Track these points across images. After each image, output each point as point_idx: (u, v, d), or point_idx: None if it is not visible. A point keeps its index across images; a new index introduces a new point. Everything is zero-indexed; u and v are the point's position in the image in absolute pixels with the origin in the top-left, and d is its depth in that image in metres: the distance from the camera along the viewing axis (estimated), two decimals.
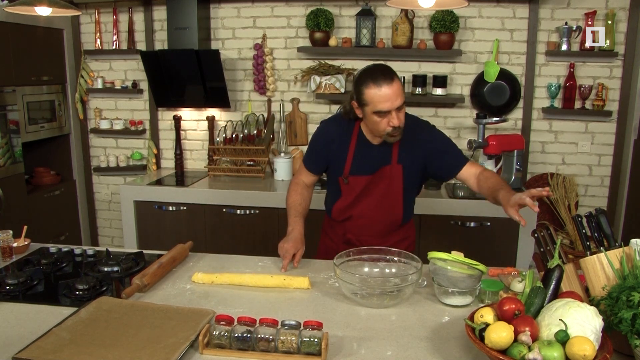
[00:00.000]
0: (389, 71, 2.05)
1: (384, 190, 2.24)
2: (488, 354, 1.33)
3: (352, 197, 2.28)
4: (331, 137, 2.28)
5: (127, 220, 3.83)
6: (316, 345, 1.44)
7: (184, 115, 4.33)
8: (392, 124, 2.05)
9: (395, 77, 2.03)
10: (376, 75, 2.02)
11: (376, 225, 2.30)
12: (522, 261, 3.37)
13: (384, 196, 2.25)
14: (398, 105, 2.03)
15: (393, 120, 2.04)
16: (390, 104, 2.01)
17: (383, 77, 2.01)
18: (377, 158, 2.22)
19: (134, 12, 4.24)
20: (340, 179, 2.27)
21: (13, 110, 3.74)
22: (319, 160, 2.34)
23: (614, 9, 3.67)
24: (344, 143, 2.25)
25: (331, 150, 2.27)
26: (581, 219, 1.72)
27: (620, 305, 1.37)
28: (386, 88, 2.00)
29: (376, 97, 2.01)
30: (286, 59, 4.14)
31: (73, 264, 2.19)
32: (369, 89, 2.02)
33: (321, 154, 2.31)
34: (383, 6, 3.88)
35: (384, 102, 2.01)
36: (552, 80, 3.86)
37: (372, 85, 2.01)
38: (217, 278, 1.97)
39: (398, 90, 2.02)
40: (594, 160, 3.96)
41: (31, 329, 1.60)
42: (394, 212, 2.29)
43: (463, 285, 1.80)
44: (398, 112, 2.04)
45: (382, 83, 2.00)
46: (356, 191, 2.26)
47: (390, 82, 2.00)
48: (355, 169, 2.24)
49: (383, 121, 2.05)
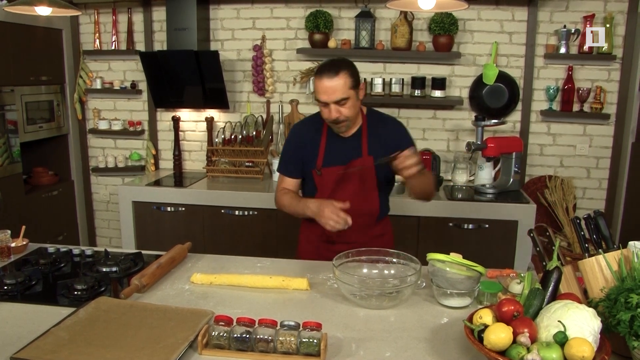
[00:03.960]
0: (338, 66, 2.12)
1: (359, 183, 2.30)
2: (487, 355, 1.33)
3: (329, 190, 2.31)
4: (301, 138, 2.37)
5: (125, 221, 3.83)
6: (315, 346, 1.44)
7: (183, 116, 4.33)
8: (329, 115, 2.16)
9: (341, 72, 2.10)
10: (323, 67, 2.14)
11: (354, 219, 2.29)
12: (520, 263, 3.37)
13: (359, 188, 2.31)
14: (335, 100, 2.12)
15: (331, 113, 2.15)
16: (327, 97, 2.12)
17: (328, 70, 2.11)
18: (348, 150, 2.30)
19: (133, 13, 4.24)
20: (314, 171, 2.33)
21: (11, 110, 3.74)
22: (294, 163, 2.39)
23: (612, 12, 3.68)
24: (315, 139, 2.34)
25: (303, 148, 2.35)
26: (579, 221, 1.72)
27: (619, 307, 1.37)
28: (326, 80, 2.10)
29: (317, 87, 2.14)
30: (285, 60, 4.14)
31: (71, 264, 2.19)
32: (316, 78, 2.15)
33: (295, 156, 2.38)
34: (382, 8, 3.89)
35: (322, 93, 2.13)
36: (550, 83, 3.87)
37: (317, 76, 2.14)
38: (216, 279, 1.97)
39: (339, 85, 2.10)
40: (592, 162, 3.97)
41: (29, 329, 1.60)
42: (371, 205, 2.35)
43: (462, 287, 1.80)
44: (339, 106, 2.14)
45: (324, 75, 2.11)
46: (331, 183, 2.31)
47: (333, 76, 2.09)
48: (328, 161, 2.31)
49: (325, 110, 2.18)
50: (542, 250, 1.74)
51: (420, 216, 3.48)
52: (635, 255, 1.48)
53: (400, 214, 3.45)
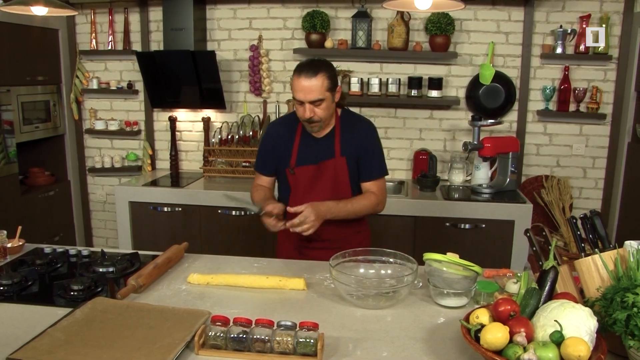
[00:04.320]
0: (317, 66, 2.16)
1: (332, 181, 2.33)
2: (483, 354, 1.33)
3: (301, 190, 2.34)
4: (275, 138, 2.40)
5: (122, 221, 3.82)
6: (312, 346, 1.44)
7: (180, 116, 4.32)
8: (303, 115, 2.19)
9: (319, 74, 2.13)
10: (302, 67, 2.17)
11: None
12: (516, 263, 3.38)
13: (332, 188, 2.33)
14: (311, 99, 2.15)
15: (305, 112, 2.18)
16: (303, 95, 2.15)
17: (306, 69, 2.14)
18: (321, 151, 2.33)
19: (129, 13, 4.23)
20: (287, 170, 2.36)
21: (7, 110, 3.73)
22: (267, 162, 2.44)
23: (608, 12, 3.70)
24: (289, 139, 2.38)
25: (277, 147, 2.38)
26: (576, 221, 1.73)
27: (615, 306, 1.38)
28: (304, 80, 2.13)
29: (295, 85, 2.17)
30: (282, 61, 4.14)
31: (68, 264, 2.19)
32: (294, 76, 2.17)
33: (269, 155, 2.42)
34: (379, 8, 3.89)
35: (298, 92, 2.16)
36: (546, 83, 3.88)
37: (296, 74, 2.16)
38: (213, 279, 1.97)
39: (316, 86, 2.13)
40: (588, 162, 3.98)
41: (26, 330, 1.59)
42: None
43: (458, 287, 1.80)
44: (314, 107, 2.17)
45: (302, 74, 2.14)
46: (304, 182, 2.33)
47: (311, 76, 2.12)
48: (301, 161, 2.34)
49: (300, 109, 2.20)
50: (538, 250, 1.75)
51: (416, 216, 3.48)
52: (631, 254, 1.48)
53: (397, 214, 3.46)
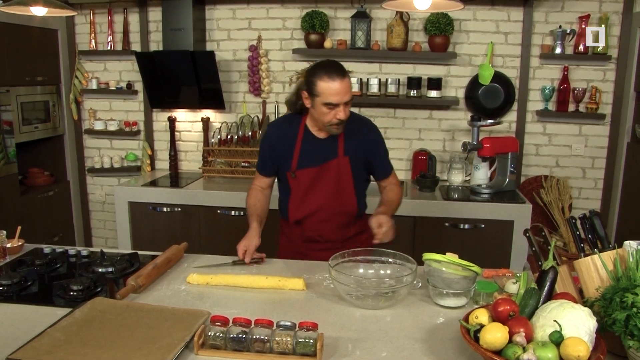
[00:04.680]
0: (342, 68, 2.19)
1: (334, 182, 2.33)
2: (483, 354, 1.33)
3: (302, 191, 2.34)
4: (276, 138, 2.40)
5: (121, 221, 3.82)
6: (311, 346, 1.44)
7: (179, 117, 4.32)
8: (339, 117, 2.18)
9: (346, 74, 2.17)
10: (331, 70, 2.15)
11: (333, 218, 2.37)
12: (516, 263, 3.38)
13: (335, 188, 2.33)
14: (347, 100, 2.17)
15: (339, 114, 2.17)
16: (340, 98, 2.14)
17: (337, 72, 2.15)
18: (324, 151, 2.33)
19: (129, 13, 4.23)
20: (288, 173, 2.35)
21: (7, 110, 3.73)
22: (267, 162, 2.43)
23: (607, 12, 3.70)
24: (291, 140, 2.36)
25: (277, 150, 2.37)
26: (575, 221, 1.73)
27: (614, 306, 1.38)
28: (338, 83, 2.13)
29: (328, 89, 2.13)
30: (281, 61, 4.14)
31: (67, 264, 2.19)
32: (322, 80, 2.14)
33: (268, 156, 2.41)
34: (378, 8, 3.89)
35: (334, 95, 2.14)
36: (546, 83, 3.88)
37: (326, 78, 2.13)
38: (212, 279, 1.97)
39: (348, 86, 2.16)
40: (588, 162, 3.98)
41: (25, 330, 1.59)
42: (348, 204, 2.38)
43: (458, 287, 1.80)
44: (345, 107, 2.18)
45: (335, 77, 2.13)
46: (305, 184, 2.33)
47: (343, 77, 2.14)
48: (302, 163, 2.33)
49: (331, 113, 2.18)
50: (537, 250, 1.75)
51: (416, 216, 3.48)
52: (630, 254, 1.48)
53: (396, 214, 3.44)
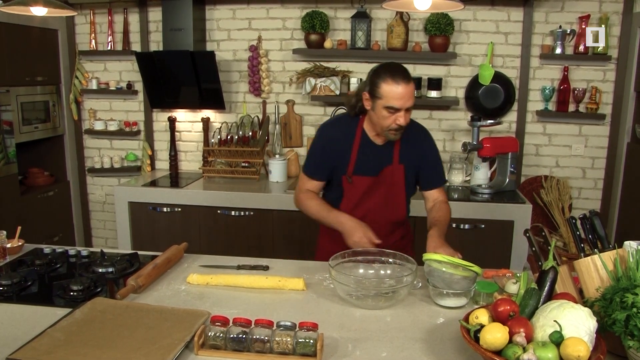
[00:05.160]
0: (407, 72, 2.12)
1: (387, 190, 2.29)
2: (483, 355, 1.33)
3: (357, 198, 2.29)
4: (332, 140, 2.30)
5: (121, 222, 3.82)
6: (311, 346, 1.44)
7: (179, 117, 4.32)
8: (399, 122, 2.12)
9: (411, 80, 2.10)
10: (396, 73, 2.09)
11: (381, 226, 2.30)
12: (516, 263, 3.38)
13: (387, 197, 2.30)
14: (409, 106, 2.11)
15: (400, 119, 2.11)
16: (403, 102, 2.08)
17: (402, 76, 2.08)
18: (380, 158, 2.27)
19: (129, 13, 4.23)
20: (344, 177, 2.28)
21: (7, 110, 3.73)
22: (322, 165, 2.32)
23: (608, 12, 3.70)
24: (347, 143, 2.28)
25: (333, 152, 2.29)
26: (575, 221, 1.73)
27: (614, 306, 1.38)
28: (403, 87, 2.07)
29: (392, 93, 2.07)
30: (281, 61, 4.14)
31: (67, 264, 2.19)
32: (386, 83, 2.07)
33: (324, 158, 2.31)
34: (378, 9, 3.89)
35: (397, 100, 2.07)
36: (546, 83, 3.88)
37: (390, 81, 2.07)
38: (212, 279, 1.97)
39: (412, 91, 2.10)
40: (588, 163, 3.98)
41: (25, 330, 1.59)
42: (398, 212, 2.35)
43: (458, 287, 1.80)
44: (406, 113, 2.12)
45: (400, 81, 2.07)
46: (360, 192, 2.28)
47: (408, 82, 2.08)
48: (359, 169, 2.27)
49: (391, 117, 2.12)
50: (538, 250, 1.75)
51: (416, 217, 3.47)
52: (630, 255, 1.48)
53: None
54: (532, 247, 1.76)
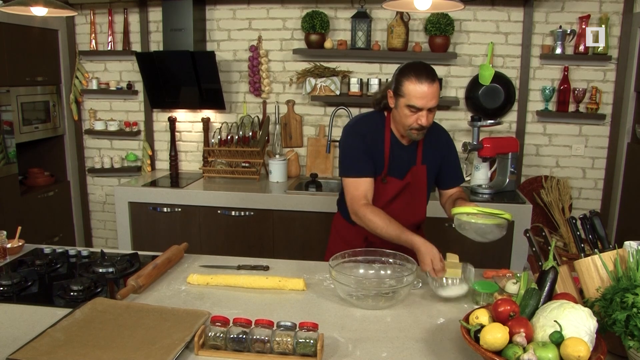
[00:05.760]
0: (433, 72, 2.09)
1: (412, 192, 2.28)
2: (483, 355, 1.33)
3: (386, 200, 2.25)
4: (366, 136, 2.21)
5: (121, 222, 3.82)
6: (312, 346, 1.44)
7: (179, 117, 4.32)
8: (420, 122, 2.09)
9: (436, 80, 2.08)
10: (420, 71, 2.06)
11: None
12: (516, 263, 3.38)
13: (409, 197, 2.29)
14: (432, 106, 2.08)
15: (422, 119, 2.08)
16: (425, 102, 2.05)
17: (426, 75, 2.06)
18: (406, 160, 2.25)
19: (129, 13, 4.23)
20: (379, 178, 2.23)
21: (7, 110, 3.73)
22: (366, 159, 2.20)
23: (608, 13, 3.70)
24: (380, 141, 2.22)
25: (371, 150, 2.20)
26: (575, 221, 1.73)
27: (614, 306, 1.38)
28: (426, 86, 2.04)
29: (414, 91, 2.05)
30: (281, 61, 4.14)
31: (67, 265, 2.19)
32: (410, 81, 2.05)
33: (366, 151, 2.20)
34: (378, 9, 3.89)
35: (420, 99, 2.05)
36: (546, 83, 3.88)
37: (414, 79, 2.05)
38: (212, 279, 1.97)
39: (436, 92, 2.07)
40: (588, 163, 3.98)
41: (25, 330, 1.59)
42: (419, 214, 2.34)
43: (491, 236, 1.76)
44: (429, 113, 2.10)
45: (423, 80, 2.04)
46: (391, 194, 2.25)
47: (432, 82, 2.05)
48: (391, 170, 2.24)
49: (413, 117, 2.09)
50: (538, 251, 1.75)
51: None
52: (630, 255, 1.48)
53: None
54: (533, 247, 1.76)
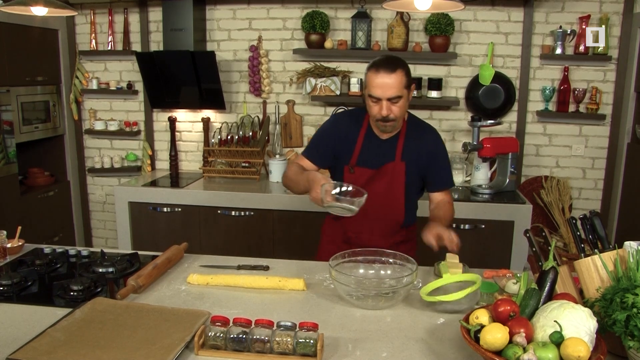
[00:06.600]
0: (395, 62, 2.09)
1: (386, 186, 2.27)
2: (483, 355, 1.33)
3: None
4: (340, 130, 2.30)
5: (121, 222, 3.82)
6: (312, 346, 1.44)
7: (179, 117, 4.32)
8: (382, 112, 2.11)
9: (398, 70, 2.07)
10: (380, 62, 2.09)
11: (377, 223, 2.30)
12: (516, 263, 3.38)
13: (386, 193, 2.27)
14: (389, 96, 2.08)
15: (382, 110, 2.11)
16: (381, 92, 2.08)
17: (385, 65, 2.07)
18: (382, 153, 2.26)
19: (129, 13, 4.23)
20: (347, 167, 2.28)
21: (7, 110, 3.73)
22: (322, 152, 2.31)
23: (608, 13, 3.70)
24: (353, 135, 2.28)
25: (340, 140, 2.29)
26: (575, 222, 1.73)
27: (614, 306, 1.38)
28: (383, 76, 2.06)
29: (372, 81, 2.09)
30: (281, 61, 4.14)
31: (67, 264, 2.19)
32: (370, 72, 2.10)
33: (327, 145, 2.30)
34: (379, 9, 3.89)
35: (376, 88, 2.08)
36: (546, 83, 3.88)
37: (373, 70, 2.08)
38: (213, 279, 1.97)
39: (395, 82, 2.06)
40: (588, 163, 3.98)
41: (25, 330, 1.59)
42: (396, 211, 2.32)
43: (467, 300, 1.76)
44: (391, 104, 2.10)
45: (381, 70, 2.07)
46: (360, 183, 2.24)
47: (390, 72, 2.06)
48: (362, 161, 2.27)
49: (375, 107, 2.13)
50: (538, 251, 1.75)
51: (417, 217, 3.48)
52: (630, 255, 1.48)
53: None
54: (533, 248, 1.75)
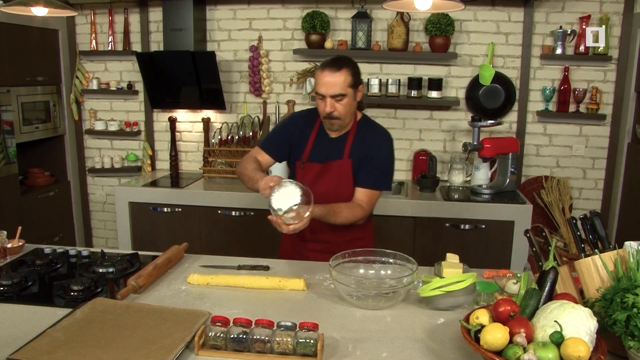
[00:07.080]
0: (342, 62, 2.18)
1: (335, 182, 2.32)
2: (483, 355, 1.33)
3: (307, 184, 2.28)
4: (295, 128, 2.41)
5: (121, 222, 3.82)
6: (312, 346, 1.44)
7: (179, 117, 4.32)
8: (326, 110, 2.20)
9: (343, 69, 2.16)
10: (327, 61, 2.19)
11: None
12: (516, 263, 3.38)
13: (335, 189, 2.32)
14: (332, 94, 2.16)
15: (326, 107, 2.19)
16: (325, 89, 2.17)
17: (331, 64, 2.16)
18: (331, 150, 2.34)
19: (129, 13, 4.23)
20: (298, 163, 2.38)
21: (7, 110, 3.73)
22: (277, 145, 2.42)
23: (608, 13, 3.70)
24: (306, 132, 2.39)
25: (294, 135, 2.39)
26: (576, 222, 1.73)
27: (615, 307, 1.38)
28: (327, 74, 2.15)
29: (318, 78, 2.19)
30: (282, 61, 4.14)
31: (68, 264, 2.19)
32: (318, 70, 2.21)
33: (283, 137, 2.41)
34: (379, 9, 3.89)
35: (321, 86, 2.18)
36: (546, 83, 3.88)
37: (320, 68, 2.19)
38: (213, 279, 1.97)
39: (339, 81, 2.15)
40: (588, 163, 3.98)
41: (25, 330, 1.59)
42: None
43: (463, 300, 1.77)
44: (335, 102, 2.18)
45: (326, 68, 2.16)
46: (309, 178, 2.33)
47: (334, 70, 2.15)
48: (312, 156, 2.35)
49: (321, 104, 2.22)
50: (538, 251, 1.75)
51: (416, 216, 3.48)
52: (631, 255, 1.48)
53: (397, 215, 3.46)
54: (533, 248, 1.75)
